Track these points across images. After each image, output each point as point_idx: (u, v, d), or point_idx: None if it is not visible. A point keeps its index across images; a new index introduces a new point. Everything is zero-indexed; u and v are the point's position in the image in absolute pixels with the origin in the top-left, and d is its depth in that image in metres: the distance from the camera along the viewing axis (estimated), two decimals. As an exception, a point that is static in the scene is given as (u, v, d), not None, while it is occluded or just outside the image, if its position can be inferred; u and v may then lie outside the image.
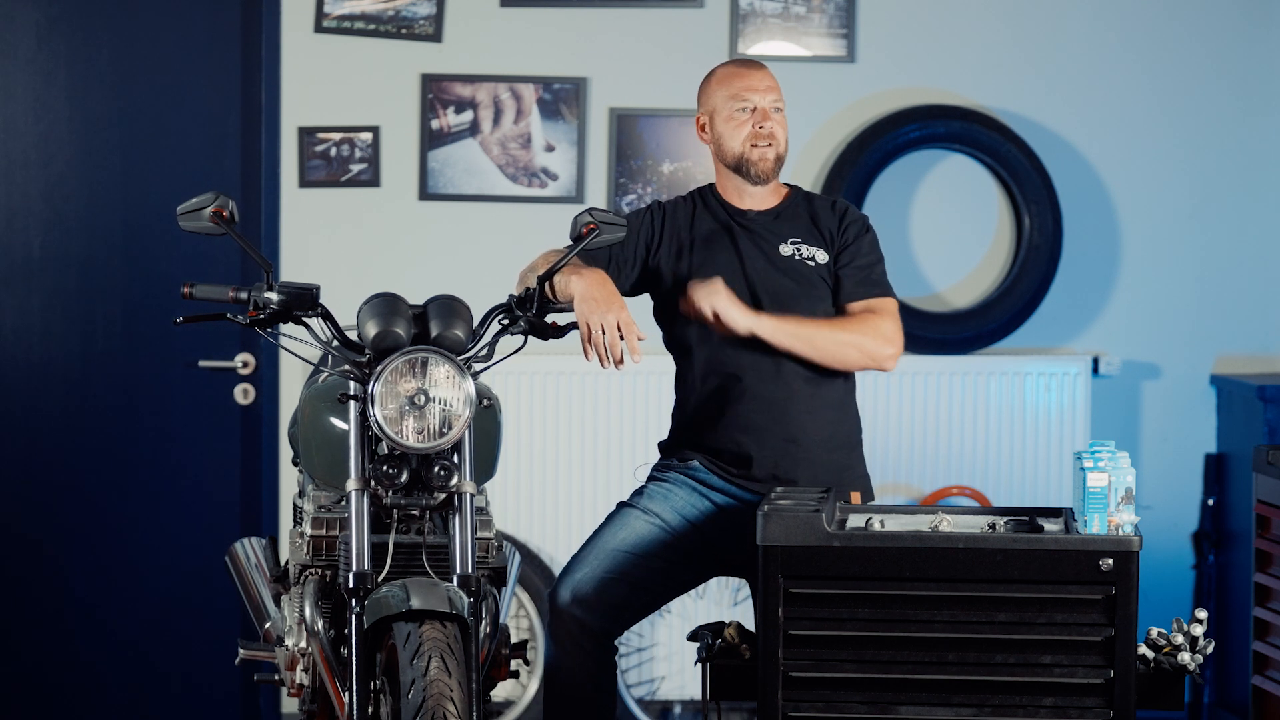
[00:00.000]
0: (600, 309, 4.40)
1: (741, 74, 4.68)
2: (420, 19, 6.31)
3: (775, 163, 4.66)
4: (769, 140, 4.64)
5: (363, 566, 4.13)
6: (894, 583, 4.14)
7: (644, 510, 4.63)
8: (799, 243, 4.66)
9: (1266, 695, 4.86)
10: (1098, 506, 4.16)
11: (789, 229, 4.68)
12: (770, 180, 4.67)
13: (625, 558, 4.57)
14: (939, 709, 4.14)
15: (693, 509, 4.63)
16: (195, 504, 6.33)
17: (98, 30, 6.25)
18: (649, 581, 4.59)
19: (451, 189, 6.35)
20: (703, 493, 4.65)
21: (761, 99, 4.64)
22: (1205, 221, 6.48)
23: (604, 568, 4.56)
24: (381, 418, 4.13)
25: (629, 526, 4.61)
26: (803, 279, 4.63)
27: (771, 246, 4.65)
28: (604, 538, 4.61)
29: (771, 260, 4.64)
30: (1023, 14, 6.41)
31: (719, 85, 4.69)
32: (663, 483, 4.68)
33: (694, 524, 4.63)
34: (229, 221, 4.24)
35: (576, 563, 4.59)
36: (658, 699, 6.33)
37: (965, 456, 6.31)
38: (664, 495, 4.65)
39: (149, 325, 6.25)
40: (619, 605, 4.56)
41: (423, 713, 3.85)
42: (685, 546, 4.62)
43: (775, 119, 4.65)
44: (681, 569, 4.64)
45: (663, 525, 4.61)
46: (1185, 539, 6.48)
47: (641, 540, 4.59)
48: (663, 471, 4.72)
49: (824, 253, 4.66)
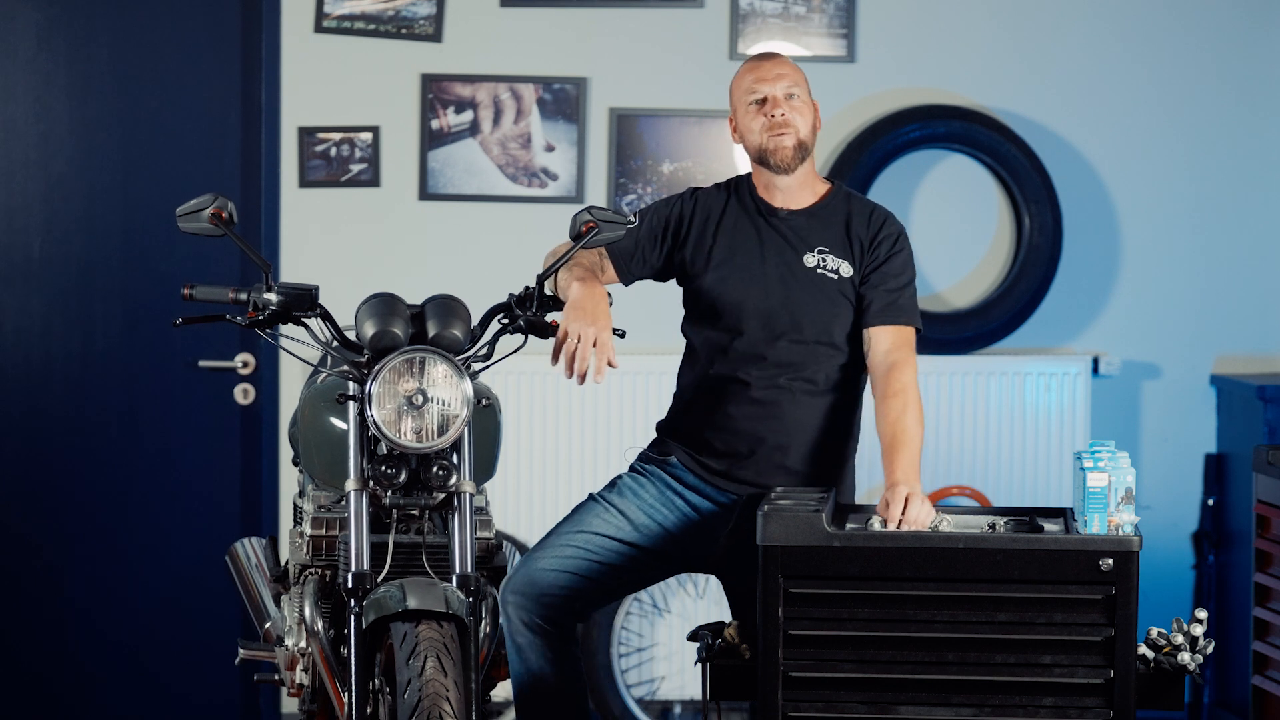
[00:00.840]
0: (585, 320, 4.38)
1: (753, 66, 4.64)
2: (420, 19, 6.30)
3: (795, 149, 4.57)
4: (782, 128, 4.56)
5: (362, 566, 4.13)
6: (894, 583, 4.14)
7: (608, 505, 4.59)
8: (826, 252, 4.58)
9: (1266, 695, 4.85)
10: (1098, 506, 4.16)
11: (819, 235, 4.60)
12: (793, 168, 4.58)
13: (574, 551, 4.52)
14: (939, 709, 4.14)
15: (660, 510, 4.59)
16: (195, 504, 6.33)
17: (98, 31, 6.25)
18: (599, 575, 4.53)
19: (451, 189, 6.35)
20: (676, 490, 4.61)
21: (772, 87, 4.58)
22: (1205, 221, 6.47)
23: (547, 560, 4.51)
24: (379, 418, 4.13)
25: (585, 522, 4.57)
26: (822, 294, 4.55)
27: (796, 254, 4.58)
28: (560, 530, 4.58)
29: (793, 269, 4.57)
30: (1023, 14, 6.41)
31: (736, 83, 4.65)
32: (639, 477, 4.64)
33: (660, 524, 4.58)
34: (228, 223, 4.24)
35: (526, 556, 4.57)
36: (658, 699, 6.32)
37: (965, 456, 6.31)
38: (634, 493, 4.61)
39: (149, 325, 6.25)
40: (565, 596, 4.49)
41: (418, 712, 3.85)
42: (646, 544, 4.57)
43: (790, 105, 4.58)
44: (640, 565, 4.59)
45: (625, 522, 4.55)
46: (1185, 539, 6.48)
47: (596, 535, 4.54)
48: (643, 463, 4.69)
49: (849, 265, 4.57)
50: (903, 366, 4.48)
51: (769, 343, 4.56)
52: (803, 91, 4.62)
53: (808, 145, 4.61)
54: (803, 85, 4.63)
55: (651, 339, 4.70)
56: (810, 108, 4.63)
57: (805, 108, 4.61)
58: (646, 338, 4.74)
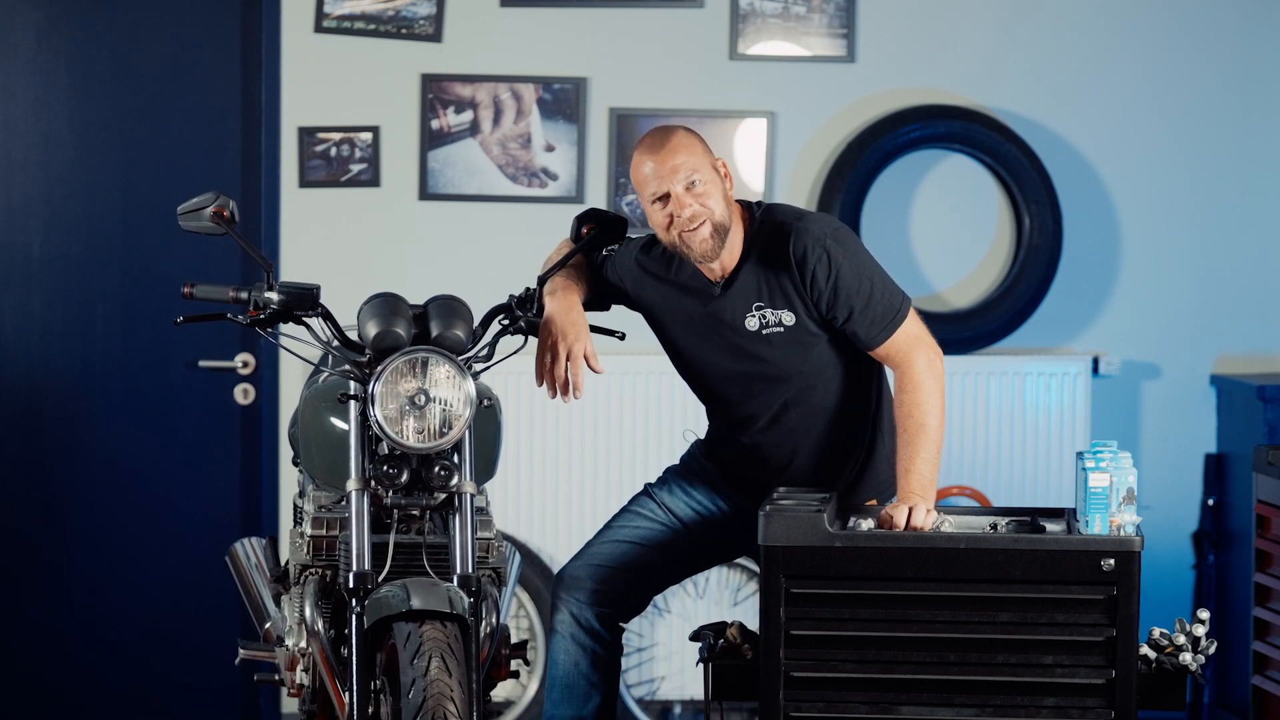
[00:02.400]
0: (568, 336, 4.39)
1: (644, 161, 4.36)
2: (420, 19, 6.30)
3: (713, 237, 4.35)
4: (692, 223, 4.35)
5: (363, 566, 4.13)
6: (895, 583, 4.14)
7: (660, 504, 4.65)
8: (763, 307, 4.43)
9: (1266, 695, 4.86)
10: (1099, 507, 4.16)
11: (749, 294, 4.44)
12: (715, 255, 4.38)
13: (630, 548, 4.58)
14: (940, 709, 4.14)
15: (711, 504, 4.65)
16: (195, 504, 6.32)
17: (98, 30, 6.25)
18: (653, 570, 4.60)
19: (451, 189, 6.35)
20: (722, 489, 4.67)
21: (670, 183, 4.33)
22: (1205, 221, 6.47)
23: (606, 558, 4.57)
24: (382, 418, 4.13)
25: (641, 516, 4.63)
26: (777, 348, 4.45)
27: (739, 324, 4.45)
28: (614, 527, 4.64)
29: (738, 340, 4.46)
30: (1023, 14, 6.41)
31: (634, 170, 4.40)
32: (691, 471, 4.69)
33: (706, 518, 4.64)
34: (229, 221, 4.24)
35: (583, 552, 4.61)
36: (658, 699, 6.32)
37: (966, 456, 6.31)
38: (684, 490, 4.67)
39: (149, 325, 6.25)
40: (620, 594, 4.57)
41: (423, 713, 3.85)
42: (695, 536, 4.64)
43: (694, 194, 4.33)
44: (688, 556, 4.67)
45: (673, 520, 4.62)
46: (1185, 539, 6.48)
47: (650, 531, 4.60)
48: (692, 459, 4.73)
49: (790, 313, 4.41)
50: (907, 366, 4.44)
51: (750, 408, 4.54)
52: (704, 170, 4.35)
53: (725, 224, 4.37)
54: (702, 162, 4.35)
55: (652, 338, 4.69)
56: (717, 181, 4.38)
57: (712, 186, 4.36)
58: (646, 337, 4.73)
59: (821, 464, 4.56)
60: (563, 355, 4.38)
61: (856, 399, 4.57)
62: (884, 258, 4.72)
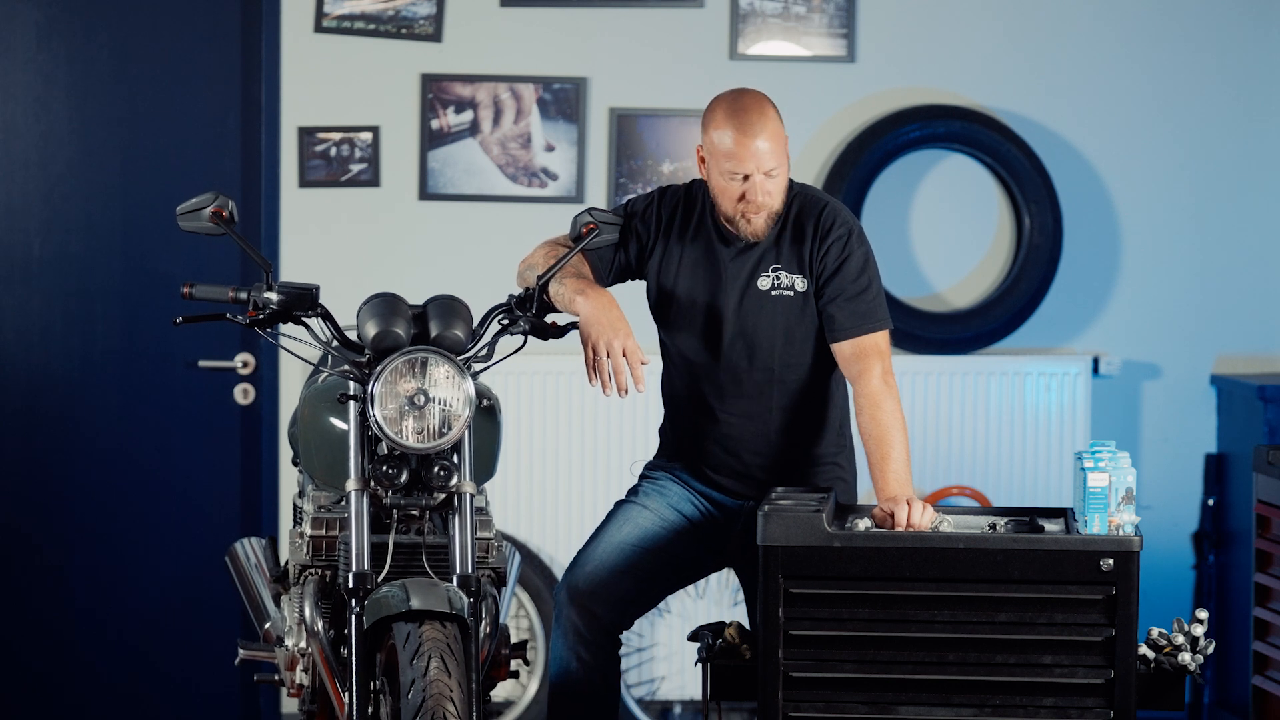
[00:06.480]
0: (607, 334, 4.39)
1: (731, 133, 4.44)
2: (420, 19, 6.30)
3: (769, 220, 4.49)
4: (759, 209, 4.47)
5: (362, 567, 4.13)
6: (894, 583, 4.14)
7: (643, 505, 4.64)
8: (779, 269, 4.53)
9: (1266, 695, 4.86)
10: (1098, 506, 4.16)
11: (771, 254, 4.54)
12: (764, 235, 4.51)
13: (632, 551, 4.58)
14: (939, 709, 4.14)
15: (686, 504, 4.66)
16: (195, 504, 6.32)
17: (98, 30, 6.25)
18: (655, 574, 4.61)
19: (451, 189, 6.35)
20: (693, 486, 4.67)
21: (755, 166, 4.43)
22: (1205, 221, 6.47)
23: (611, 562, 4.57)
24: (381, 418, 4.13)
25: (632, 520, 4.63)
26: (781, 313, 4.53)
27: (751, 280, 4.54)
28: (609, 532, 4.62)
29: (747, 295, 4.53)
30: (1023, 14, 6.41)
31: (716, 134, 4.47)
32: (654, 481, 4.71)
33: (688, 518, 4.65)
34: (228, 221, 4.24)
35: (583, 558, 4.60)
36: (658, 699, 6.33)
37: (965, 456, 6.31)
38: (659, 491, 4.67)
39: (149, 325, 6.25)
40: (627, 599, 4.57)
41: (422, 713, 3.86)
42: (684, 539, 4.63)
43: (768, 184, 4.46)
44: (683, 561, 4.66)
45: (662, 519, 4.62)
46: (1185, 539, 6.48)
47: (646, 534, 4.61)
48: (653, 470, 4.74)
49: (803, 279, 4.53)
50: (866, 376, 4.47)
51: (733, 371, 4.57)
52: (783, 160, 4.48)
53: (779, 212, 4.52)
54: (783, 150, 4.48)
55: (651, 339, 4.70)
56: (786, 171, 4.51)
57: (783, 173, 4.50)
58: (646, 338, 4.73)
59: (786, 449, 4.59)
60: (617, 352, 4.38)
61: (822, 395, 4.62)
62: (884, 257, 4.76)
